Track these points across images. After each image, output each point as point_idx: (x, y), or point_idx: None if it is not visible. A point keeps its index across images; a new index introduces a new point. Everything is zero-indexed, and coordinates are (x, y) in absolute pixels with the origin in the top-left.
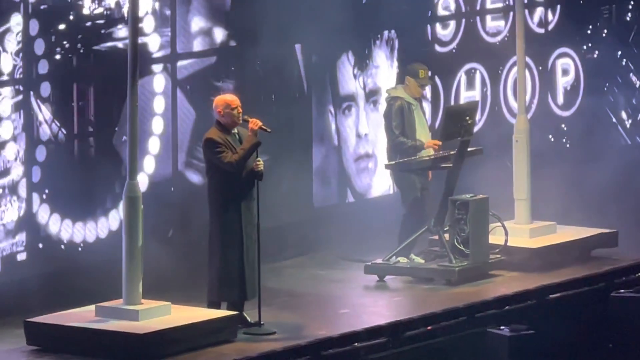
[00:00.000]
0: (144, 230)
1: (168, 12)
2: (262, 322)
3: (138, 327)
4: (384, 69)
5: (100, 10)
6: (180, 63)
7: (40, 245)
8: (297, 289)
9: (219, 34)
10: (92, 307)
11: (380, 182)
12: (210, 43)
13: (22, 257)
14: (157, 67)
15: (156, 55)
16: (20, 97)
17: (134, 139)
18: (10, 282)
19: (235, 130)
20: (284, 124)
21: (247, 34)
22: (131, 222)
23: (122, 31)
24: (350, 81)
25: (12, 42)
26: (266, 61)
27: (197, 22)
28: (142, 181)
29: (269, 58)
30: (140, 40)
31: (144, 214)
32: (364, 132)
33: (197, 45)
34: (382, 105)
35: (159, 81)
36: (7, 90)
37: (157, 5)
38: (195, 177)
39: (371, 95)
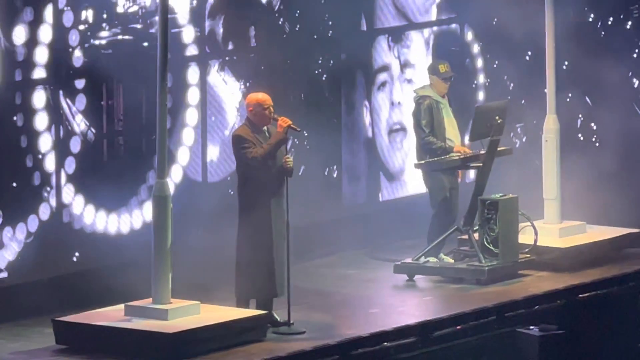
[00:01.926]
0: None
1: (200, 10)
2: (291, 322)
3: (167, 327)
4: (418, 47)
5: (134, 8)
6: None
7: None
8: (326, 288)
9: (250, 33)
10: (121, 306)
11: (412, 172)
12: (241, 42)
13: (49, 255)
14: (190, 66)
15: (188, 53)
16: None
17: (163, 138)
18: (40, 279)
19: (266, 129)
20: (313, 122)
21: (277, 33)
22: (160, 221)
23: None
24: (385, 53)
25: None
26: (296, 60)
27: (229, 20)
28: (176, 172)
29: (299, 57)
30: (174, 32)
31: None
32: (398, 101)
33: (228, 44)
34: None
35: (193, 74)
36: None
37: (189, 2)
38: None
39: (405, 66)
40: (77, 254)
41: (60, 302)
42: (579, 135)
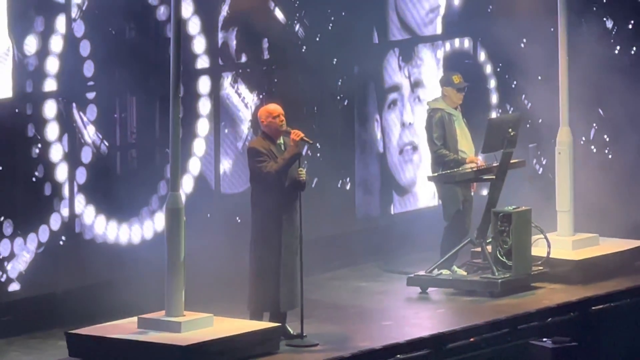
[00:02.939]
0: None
1: (213, 22)
2: (304, 334)
3: (180, 339)
4: (428, 64)
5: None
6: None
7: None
8: (339, 300)
9: (264, 45)
10: (134, 318)
11: (424, 184)
12: (254, 54)
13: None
14: (202, 79)
15: (201, 65)
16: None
17: (176, 150)
18: (53, 291)
19: (281, 141)
20: (326, 135)
21: (290, 46)
22: (173, 233)
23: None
24: (395, 72)
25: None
26: (308, 74)
27: (242, 34)
28: (187, 182)
29: (311, 70)
30: (186, 46)
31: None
32: (409, 121)
33: (241, 57)
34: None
35: (204, 84)
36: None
37: (202, 15)
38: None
39: (416, 86)
40: (88, 265)
41: (72, 314)
42: (592, 147)
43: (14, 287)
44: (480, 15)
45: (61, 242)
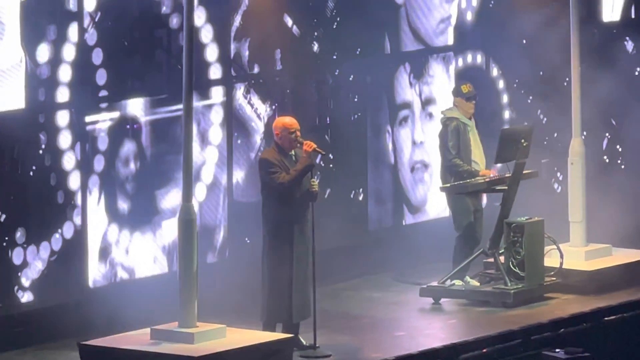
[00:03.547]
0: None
1: (226, 32)
2: (317, 345)
3: (193, 350)
4: (440, 79)
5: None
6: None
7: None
8: (352, 311)
9: (276, 56)
10: (147, 330)
11: (435, 201)
12: (267, 65)
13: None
14: (215, 89)
15: (213, 77)
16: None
17: (189, 161)
18: (66, 302)
19: (293, 152)
20: (338, 146)
21: (304, 57)
22: (186, 245)
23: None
24: (406, 89)
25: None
26: (321, 84)
27: (254, 43)
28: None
29: (323, 81)
30: (200, 53)
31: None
32: (420, 140)
33: (254, 66)
34: (437, 119)
35: (216, 93)
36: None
37: (214, 25)
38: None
39: (427, 104)
40: (100, 273)
41: (84, 324)
42: (605, 157)
43: (28, 297)
44: (493, 31)
45: (74, 250)
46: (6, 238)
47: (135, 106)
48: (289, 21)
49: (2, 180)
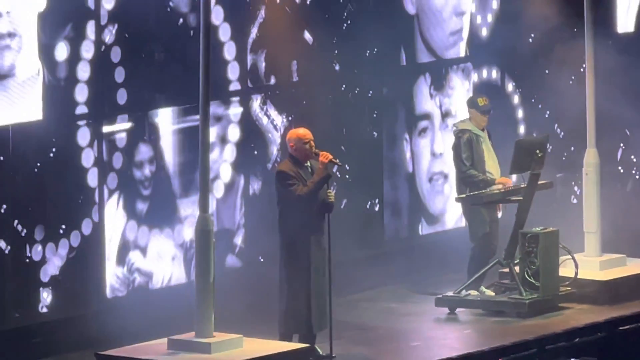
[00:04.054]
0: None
1: (242, 44)
2: (333, 355)
3: None
4: (460, 92)
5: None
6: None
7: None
8: (368, 321)
9: (292, 68)
10: (165, 340)
11: (452, 213)
12: (283, 76)
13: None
14: (233, 101)
15: (232, 88)
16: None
17: (206, 172)
18: (84, 312)
19: (308, 163)
20: (354, 157)
21: (320, 68)
22: (203, 256)
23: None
24: (426, 100)
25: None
26: (337, 95)
27: (271, 55)
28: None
29: (339, 92)
30: (217, 65)
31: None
32: (439, 151)
33: (271, 78)
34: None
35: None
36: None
37: (233, 36)
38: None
39: (447, 116)
40: (118, 284)
41: (101, 334)
42: (619, 167)
43: (46, 308)
44: (509, 46)
45: (92, 246)
46: (28, 254)
47: (153, 116)
48: (304, 33)
49: (22, 193)
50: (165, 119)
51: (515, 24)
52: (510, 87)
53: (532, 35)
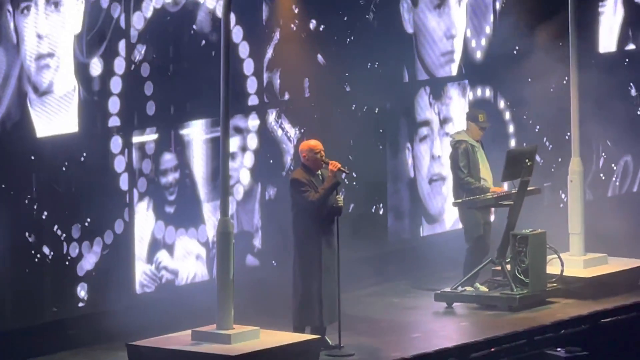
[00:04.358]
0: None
1: (259, 63)
2: (342, 345)
3: (230, 350)
4: (457, 101)
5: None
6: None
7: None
8: (373, 315)
9: (305, 85)
10: (189, 331)
11: (450, 214)
12: (296, 92)
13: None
14: (250, 114)
15: (250, 103)
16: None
17: (226, 179)
18: (116, 307)
19: (319, 172)
20: (361, 165)
21: (328, 84)
22: (224, 256)
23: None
24: (426, 109)
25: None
26: (345, 109)
27: (285, 73)
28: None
29: (347, 107)
30: (239, 84)
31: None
32: (438, 154)
33: (285, 94)
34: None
35: (253, 122)
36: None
37: (251, 54)
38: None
39: (445, 122)
40: (146, 281)
41: (131, 326)
42: (601, 175)
43: (81, 303)
44: (501, 67)
45: (123, 244)
46: (65, 253)
47: (178, 127)
48: (316, 54)
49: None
50: (190, 130)
51: (507, 47)
52: (502, 104)
53: (523, 57)
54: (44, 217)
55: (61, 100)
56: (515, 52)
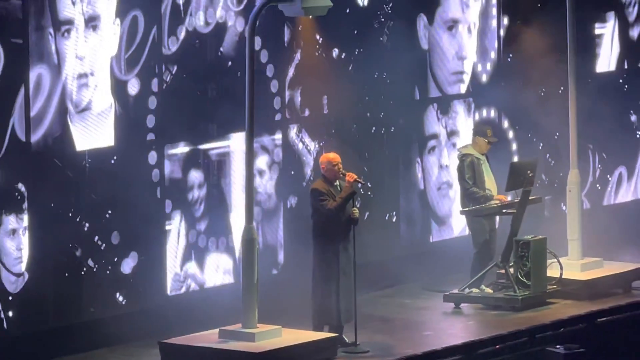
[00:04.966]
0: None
1: (282, 81)
2: (358, 342)
3: (254, 347)
4: (462, 116)
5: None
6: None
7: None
8: (387, 314)
9: (323, 102)
10: (216, 330)
11: (457, 219)
12: (316, 109)
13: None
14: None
15: (276, 119)
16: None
17: (250, 189)
18: (149, 307)
19: (337, 182)
20: (376, 176)
21: (346, 102)
22: (248, 260)
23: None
24: (434, 123)
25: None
26: (361, 124)
27: (305, 91)
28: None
29: (364, 122)
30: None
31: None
32: (445, 164)
33: (305, 110)
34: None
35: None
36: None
37: (275, 75)
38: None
39: (451, 135)
40: (177, 284)
41: (163, 326)
42: (597, 185)
43: (117, 303)
44: (505, 89)
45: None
46: (104, 260)
47: (207, 142)
48: (333, 71)
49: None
50: (219, 144)
51: (511, 71)
52: (506, 124)
53: (524, 80)
54: (85, 229)
55: (99, 116)
56: (518, 76)
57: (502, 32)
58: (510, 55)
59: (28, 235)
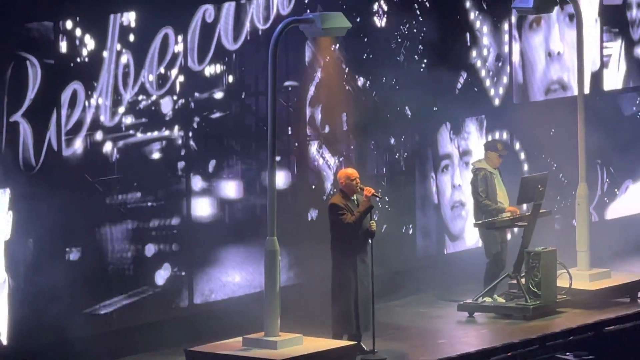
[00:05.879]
0: None
1: (302, 99)
2: (375, 350)
3: (276, 355)
4: (474, 136)
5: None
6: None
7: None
8: (403, 323)
9: (343, 119)
10: (240, 338)
11: (470, 235)
12: (335, 126)
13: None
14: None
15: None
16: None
17: (273, 203)
18: (176, 316)
19: (355, 197)
20: (393, 191)
21: (364, 119)
22: (271, 271)
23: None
24: (447, 143)
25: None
26: (379, 140)
27: (325, 108)
28: None
29: (381, 137)
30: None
31: None
32: (458, 183)
33: (325, 127)
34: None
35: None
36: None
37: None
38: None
39: (464, 155)
40: (202, 294)
41: (189, 333)
42: (605, 199)
43: (145, 312)
44: (516, 114)
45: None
46: (139, 273)
47: (232, 160)
48: (352, 90)
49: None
50: (249, 160)
51: (521, 96)
52: (517, 145)
53: (536, 105)
54: (118, 238)
55: None
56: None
57: (514, 57)
58: (521, 81)
59: None
